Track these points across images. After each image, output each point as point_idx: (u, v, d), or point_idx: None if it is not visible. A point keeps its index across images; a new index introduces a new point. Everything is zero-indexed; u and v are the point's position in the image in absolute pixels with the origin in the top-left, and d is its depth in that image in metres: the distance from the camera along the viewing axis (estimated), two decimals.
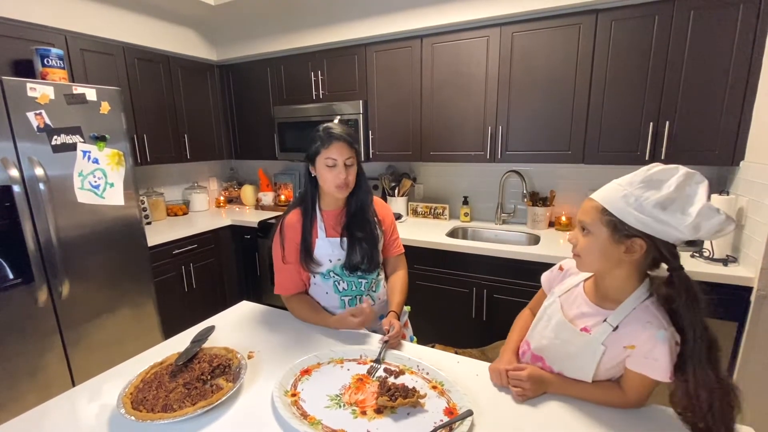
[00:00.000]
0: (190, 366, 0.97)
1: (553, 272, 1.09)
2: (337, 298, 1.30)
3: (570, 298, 0.97)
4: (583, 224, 0.87)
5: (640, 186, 0.80)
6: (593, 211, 0.85)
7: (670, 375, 0.79)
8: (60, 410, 0.89)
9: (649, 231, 0.79)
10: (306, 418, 0.82)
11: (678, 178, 0.79)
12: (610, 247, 0.83)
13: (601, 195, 0.85)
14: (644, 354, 0.82)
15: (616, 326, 0.85)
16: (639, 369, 0.83)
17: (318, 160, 1.21)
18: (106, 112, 1.90)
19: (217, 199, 3.46)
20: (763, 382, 1.58)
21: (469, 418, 0.80)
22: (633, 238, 0.81)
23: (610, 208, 0.82)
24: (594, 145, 2.03)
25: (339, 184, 1.20)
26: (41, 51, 1.89)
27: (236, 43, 2.99)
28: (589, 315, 0.91)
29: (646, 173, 0.81)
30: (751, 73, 1.68)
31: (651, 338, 0.80)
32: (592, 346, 0.87)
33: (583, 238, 0.87)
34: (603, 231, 0.83)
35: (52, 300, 1.77)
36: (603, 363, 0.87)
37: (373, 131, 2.60)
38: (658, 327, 0.80)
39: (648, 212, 0.78)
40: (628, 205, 0.79)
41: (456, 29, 2.24)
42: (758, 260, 1.53)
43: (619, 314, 0.85)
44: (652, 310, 0.83)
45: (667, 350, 0.79)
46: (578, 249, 0.89)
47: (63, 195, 1.78)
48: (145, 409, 0.82)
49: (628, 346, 0.83)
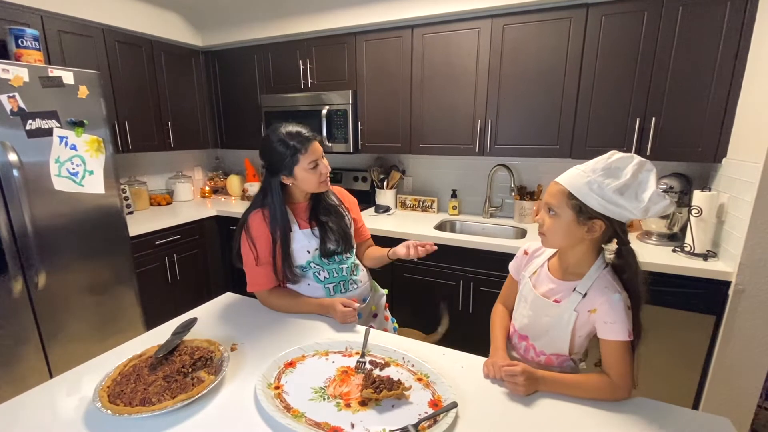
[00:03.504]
0: (170, 358, 0.95)
1: (518, 258, 1.17)
2: (320, 288, 1.30)
3: (539, 278, 1.06)
4: (550, 206, 0.95)
5: (602, 173, 0.88)
6: (560, 194, 0.92)
7: (629, 333, 0.89)
8: (36, 402, 0.86)
9: (608, 213, 0.88)
10: (289, 411, 0.81)
11: (633, 166, 0.88)
12: (573, 227, 0.92)
13: (567, 180, 0.92)
14: (603, 318, 0.91)
15: (584, 293, 0.94)
16: (606, 336, 0.91)
17: (297, 169, 1.19)
18: (84, 97, 1.83)
19: (202, 189, 3.39)
20: (738, 373, 1.63)
21: (453, 410, 0.80)
22: (594, 220, 0.90)
23: (576, 193, 0.89)
24: (582, 140, 2.04)
25: (324, 179, 1.24)
26: (15, 31, 1.80)
27: (223, 29, 2.90)
28: (556, 290, 1.00)
29: (607, 161, 0.89)
30: (735, 72, 1.70)
31: (607, 301, 0.91)
32: (565, 314, 0.96)
33: (549, 218, 0.95)
34: (568, 213, 0.91)
35: (28, 291, 1.72)
36: (576, 330, 0.97)
37: (363, 122, 2.57)
38: (613, 291, 0.91)
39: (608, 197, 0.87)
40: (591, 191, 0.88)
41: (447, 20, 2.21)
42: (737, 255, 1.57)
43: (586, 283, 0.95)
44: (609, 278, 0.94)
45: (622, 311, 0.89)
46: (545, 229, 0.97)
47: (38, 182, 1.71)
48: (123, 403, 0.79)
49: (591, 310, 0.93)
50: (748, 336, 1.60)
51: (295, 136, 1.18)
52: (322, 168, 1.22)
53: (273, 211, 1.23)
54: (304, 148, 1.17)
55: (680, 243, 1.84)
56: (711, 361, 1.68)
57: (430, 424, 0.78)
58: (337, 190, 1.43)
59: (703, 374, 1.72)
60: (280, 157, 1.18)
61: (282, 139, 1.18)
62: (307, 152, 1.18)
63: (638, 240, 2.03)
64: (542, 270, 1.06)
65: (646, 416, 0.83)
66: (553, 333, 0.99)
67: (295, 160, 1.18)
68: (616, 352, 0.90)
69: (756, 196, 1.49)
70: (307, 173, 1.20)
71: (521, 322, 1.07)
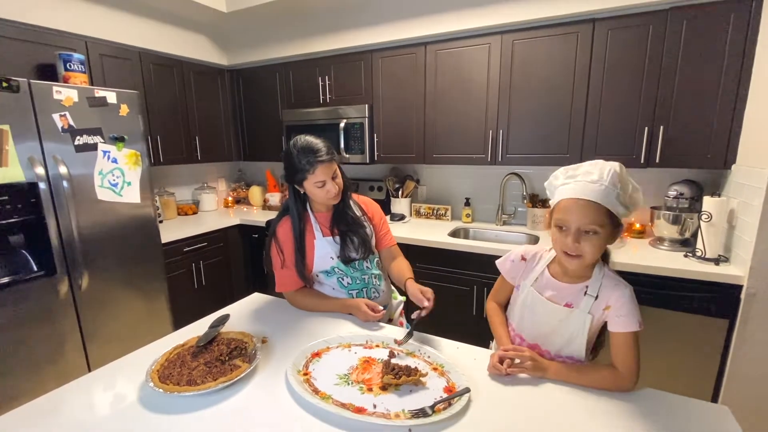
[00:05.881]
0: (209, 348, 1.05)
1: (514, 262, 1.15)
2: (344, 293, 1.39)
3: (540, 285, 1.08)
4: (591, 228, 0.91)
5: (619, 184, 0.92)
6: (601, 214, 0.91)
7: (640, 323, 0.94)
8: (96, 384, 0.97)
9: (626, 216, 0.94)
10: (317, 393, 0.90)
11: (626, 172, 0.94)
12: (609, 240, 0.95)
13: (598, 197, 0.90)
14: (617, 313, 0.96)
15: (596, 295, 0.98)
16: (618, 328, 0.96)
17: (306, 184, 1.27)
18: (125, 115, 2.00)
19: (225, 199, 3.56)
20: (752, 375, 1.64)
21: (466, 394, 0.88)
22: (619, 227, 0.95)
23: (611, 208, 0.91)
24: (591, 149, 2.10)
25: (331, 197, 1.29)
26: (64, 56, 1.99)
27: (247, 49, 3.10)
28: (564, 294, 1.03)
29: (619, 171, 0.92)
30: (741, 81, 1.75)
31: (621, 296, 0.96)
32: (580, 317, 1.00)
33: (587, 240, 0.92)
34: (609, 229, 0.93)
35: (72, 292, 1.86)
36: (591, 330, 1.00)
37: (378, 134, 2.68)
38: (624, 286, 0.98)
39: (634, 200, 0.94)
40: (618, 203, 0.91)
41: (458, 37, 2.33)
42: (748, 260, 1.59)
43: (595, 284, 0.99)
44: (612, 274, 1.00)
45: (634, 303, 0.95)
46: (585, 251, 0.93)
47: (84, 193, 1.88)
48: (172, 383, 0.90)
49: (605, 308, 0.98)
50: (761, 339, 1.61)
51: (307, 154, 1.22)
52: (329, 187, 1.26)
53: (292, 213, 1.34)
54: (312, 170, 1.22)
55: (692, 248, 1.87)
56: (726, 364, 1.69)
57: (445, 406, 0.85)
58: (362, 200, 1.50)
59: (718, 377, 1.73)
60: (293, 170, 1.27)
61: (295, 154, 1.24)
62: (314, 174, 1.23)
63: (650, 246, 2.06)
64: (544, 276, 1.08)
65: (652, 405, 0.88)
66: (568, 337, 1.02)
67: (303, 177, 1.26)
68: (627, 342, 0.94)
69: (764, 201, 1.52)
70: (315, 189, 1.27)
71: (530, 332, 1.08)
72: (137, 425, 0.82)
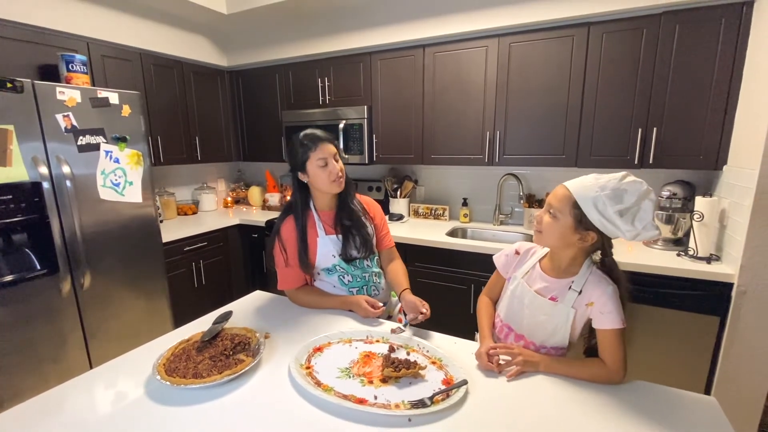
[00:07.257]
0: (213, 343, 1.08)
1: (509, 256, 1.22)
2: (344, 291, 1.41)
3: (531, 278, 1.13)
4: (552, 208, 1.01)
5: (610, 192, 0.93)
6: (565, 200, 0.99)
7: (623, 321, 0.98)
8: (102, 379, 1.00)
9: (603, 229, 0.96)
10: (320, 386, 0.93)
11: (640, 192, 0.93)
12: (569, 232, 0.99)
13: (576, 189, 0.97)
14: (600, 309, 1.00)
15: (580, 290, 1.02)
16: (602, 325, 0.99)
17: (309, 165, 1.32)
18: (126, 115, 2.03)
19: (224, 199, 3.58)
20: (744, 373, 1.68)
21: (464, 386, 0.91)
22: (589, 231, 0.98)
23: (582, 204, 0.96)
24: (586, 150, 2.14)
25: (334, 178, 1.32)
26: (66, 57, 2.01)
27: (247, 50, 3.12)
28: (551, 288, 1.07)
29: (619, 182, 0.94)
30: (732, 83, 1.79)
31: (604, 293, 0.99)
32: (564, 311, 1.04)
33: (548, 218, 1.02)
34: (568, 219, 0.98)
35: (75, 291, 1.88)
36: (576, 324, 1.05)
37: (377, 135, 2.72)
38: (607, 284, 1.01)
39: (608, 216, 0.93)
40: (595, 206, 0.94)
41: (457, 39, 2.36)
42: (738, 258, 1.63)
43: (580, 280, 1.03)
44: (599, 273, 1.04)
45: (617, 301, 0.98)
46: (542, 227, 1.04)
47: (86, 192, 1.90)
48: (178, 376, 0.92)
49: (588, 303, 1.02)
50: (752, 337, 1.65)
51: (309, 136, 1.32)
52: (331, 167, 1.31)
53: (296, 208, 1.37)
54: (314, 146, 1.30)
55: (685, 247, 1.91)
56: (717, 361, 1.73)
57: (444, 397, 0.89)
58: (365, 200, 1.53)
59: (709, 374, 1.77)
60: (296, 155, 1.33)
61: (299, 139, 1.33)
62: (316, 150, 1.29)
63: (644, 245, 2.10)
64: (534, 270, 1.13)
65: (642, 396, 0.92)
66: (552, 329, 1.07)
67: (306, 157, 1.31)
68: (612, 339, 0.98)
69: (754, 201, 1.57)
70: (318, 170, 1.31)
71: (518, 322, 1.13)
72: (143, 418, 0.84)
